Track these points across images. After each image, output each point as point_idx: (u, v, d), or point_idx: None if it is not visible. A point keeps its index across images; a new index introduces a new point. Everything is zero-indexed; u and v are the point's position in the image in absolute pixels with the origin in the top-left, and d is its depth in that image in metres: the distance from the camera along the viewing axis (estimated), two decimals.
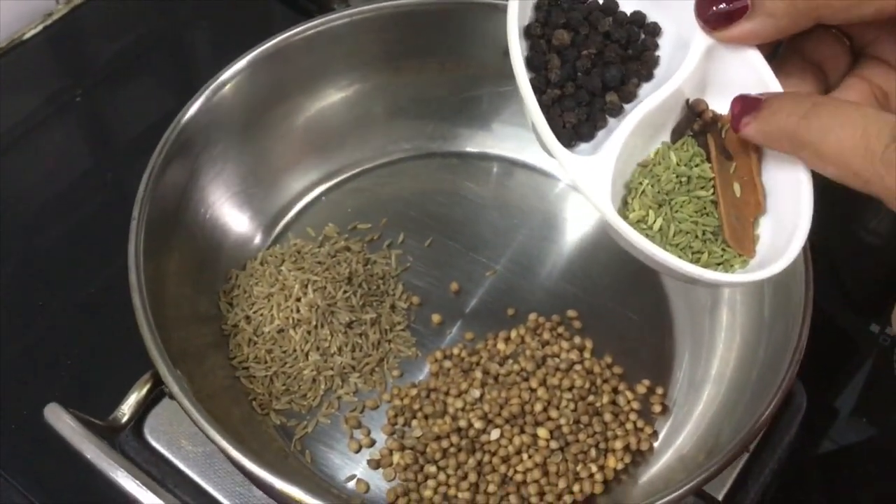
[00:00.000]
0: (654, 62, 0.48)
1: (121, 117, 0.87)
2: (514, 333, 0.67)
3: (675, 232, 0.46)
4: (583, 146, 0.47)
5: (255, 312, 0.66)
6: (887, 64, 0.45)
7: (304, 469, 0.62)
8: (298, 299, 0.65)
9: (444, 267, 0.71)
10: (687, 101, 0.47)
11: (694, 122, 0.47)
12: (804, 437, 0.67)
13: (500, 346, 0.66)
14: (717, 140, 0.47)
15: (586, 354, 0.67)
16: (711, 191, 0.47)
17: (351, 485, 0.62)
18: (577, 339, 0.67)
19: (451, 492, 0.60)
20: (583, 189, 0.45)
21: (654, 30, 0.48)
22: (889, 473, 0.69)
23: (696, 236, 0.46)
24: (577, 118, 0.46)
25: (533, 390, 0.63)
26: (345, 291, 0.66)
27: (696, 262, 0.46)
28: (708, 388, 0.65)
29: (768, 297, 0.63)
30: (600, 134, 0.47)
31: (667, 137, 0.48)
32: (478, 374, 0.64)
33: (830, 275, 0.78)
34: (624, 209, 0.47)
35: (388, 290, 0.69)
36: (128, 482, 0.48)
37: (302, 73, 0.71)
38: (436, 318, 0.69)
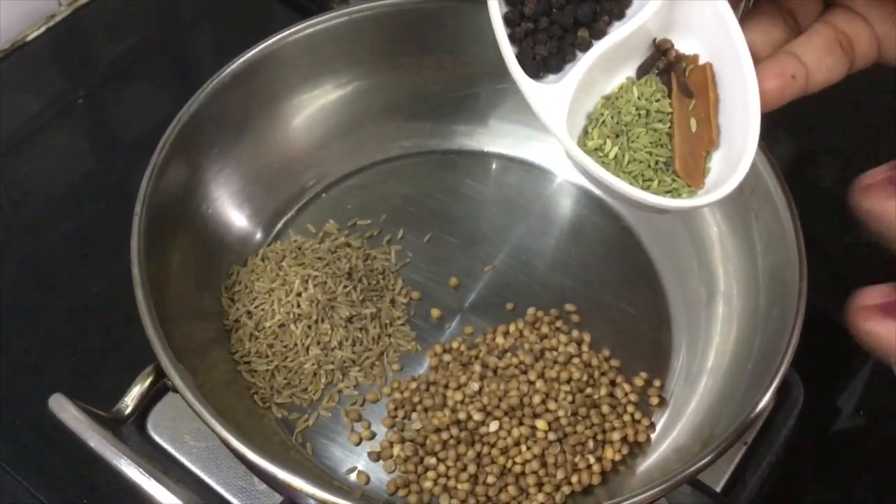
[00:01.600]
0: (627, 2, 0.50)
1: (123, 119, 0.87)
2: (512, 327, 0.68)
3: (629, 160, 0.50)
4: (551, 78, 0.50)
5: (256, 307, 0.66)
6: (854, 12, 0.47)
7: (305, 461, 0.62)
8: (299, 294, 0.66)
9: (443, 262, 0.72)
10: (654, 39, 0.50)
11: (659, 60, 0.50)
12: (801, 431, 0.68)
13: (499, 339, 0.67)
14: (679, 78, 0.50)
15: (584, 348, 0.67)
16: (668, 125, 0.50)
17: (352, 477, 0.62)
18: (575, 333, 0.68)
19: (451, 483, 0.61)
20: (540, 115, 0.48)
21: None
22: (886, 466, 0.70)
23: (649, 166, 0.49)
24: (548, 51, 0.49)
25: (531, 383, 0.64)
26: (345, 286, 0.67)
27: (647, 189, 0.49)
28: (704, 380, 0.65)
29: (763, 289, 0.64)
30: (568, 67, 0.50)
31: (633, 73, 0.51)
32: (477, 367, 0.65)
33: (827, 271, 0.78)
34: (584, 137, 0.50)
35: (387, 285, 0.70)
36: (132, 471, 0.49)
37: (301, 72, 0.71)
38: (435, 312, 0.69)
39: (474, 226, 0.74)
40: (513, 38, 0.49)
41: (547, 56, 0.49)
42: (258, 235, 0.71)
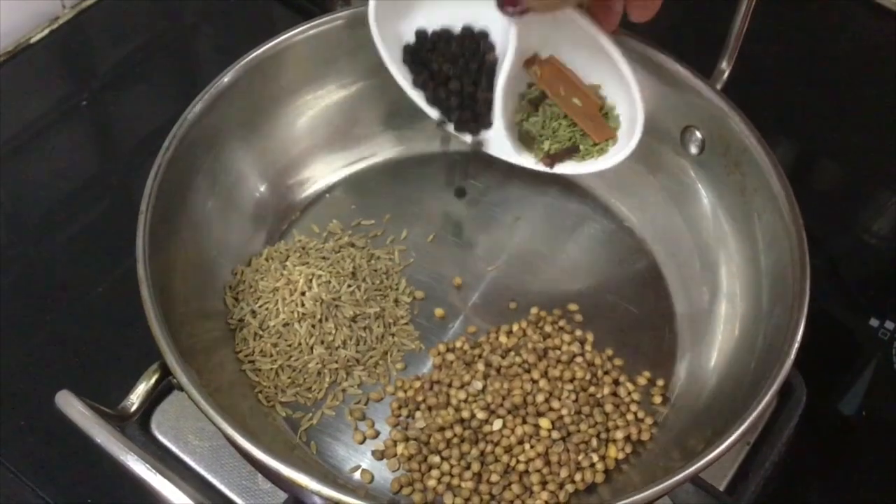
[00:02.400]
0: (494, 60, 0.64)
1: (127, 121, 0.87)
2: (515, 327, 0.68)
3: (564, 140, 0.66)
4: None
5: (260, 307, 0.66)
6: None
7: (309, 460, 0.62)
8: (303, 293, 0.66)
9: (447, 262, 0.72)
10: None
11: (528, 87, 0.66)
12: (804, 431, 0.68)
13: (503, 338, 0.67)
14: (543, 82, 0.65)
15: (587, 347, 0.67)
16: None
17: (356, 475, 0.62)
18: (578, 333, 0.68)
19: (455, 482, 0.61)
20: (517, 162, 0.67)
21: (485, 35, 0.65)
22: (888, 466, 0.70)
23: (577, 139, 0.66)
24: (477, 119, 0.67)
25: (535, 382, 0.64)
26: (349, 286, 0.67)
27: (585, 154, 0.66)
28: (707, 380, 0.65)
29: (766, 288, 0.64)
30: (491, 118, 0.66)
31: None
32: (480, 366, 0.65)
33: (829, 271, 0.78)
34: (532, 150, 0.67)
35: (391, 284, 0.70)
36: (139, 466, 0.49)
37: (304, 72, 0.72)
38: (438, 311, 0.69)
39: (477, 226, 0.74)
40: (457, 129, 0.67)
41: (478, 121, 0.66)
42: (262, 235, 0.72)
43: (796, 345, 0.57)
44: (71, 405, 0.50)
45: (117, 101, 0.88)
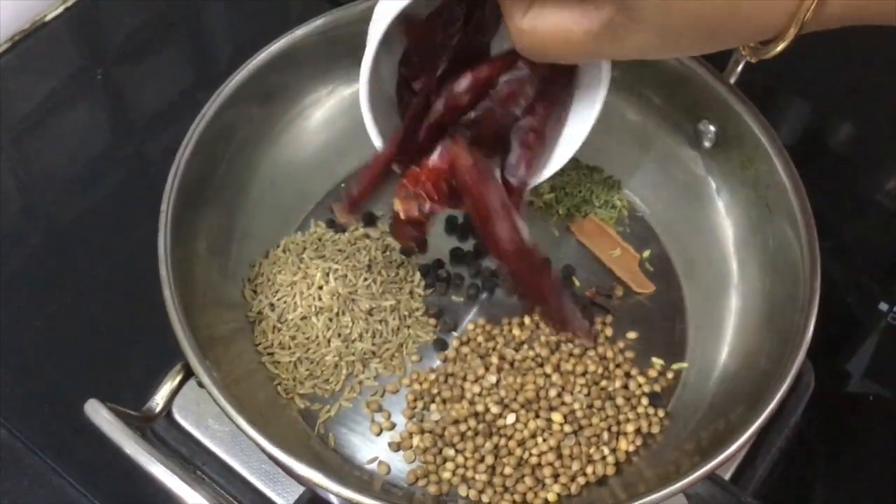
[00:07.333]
0: None
1: (141, 95, 0.87)
2: (527, 319, 0.69)
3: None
4: None
5: (278, 300, 0.67)
6: None
7: (326, 451, 0.64)
8: (320, 287, 0.67)
9: (461, 252, 0.72)
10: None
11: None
12: (812, 416, 0.68)
13: (516, 331, 0.68)
14: (584, 234, 0.72)
15: (600, 340, 0.68)
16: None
17: (372, 466, 0.64)
18: (598, 327, 0.69)
19: (469, 474, 0.62)
20: None
21: None
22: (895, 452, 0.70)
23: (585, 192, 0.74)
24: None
25: (548, 376, 0.65)
26: (365, 279, 0.68)
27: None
28: (718, 371, 0.66)
29: (777, 281, 0.64)
30: None
31: None
32: (494, 359, 0.66)
33: (839, 255, 0.78)
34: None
35: (406, 276, 0.70)
36: (162, 473, 0.50)
37: (320, 65, 0.71)
38: (453, 301, 0.70)
39: None
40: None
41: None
42: (280, 226, 0.72)
43: (808, 337, 0.58)
44: (99, 414, 0.51)
45: (131, 75, 0.88)
